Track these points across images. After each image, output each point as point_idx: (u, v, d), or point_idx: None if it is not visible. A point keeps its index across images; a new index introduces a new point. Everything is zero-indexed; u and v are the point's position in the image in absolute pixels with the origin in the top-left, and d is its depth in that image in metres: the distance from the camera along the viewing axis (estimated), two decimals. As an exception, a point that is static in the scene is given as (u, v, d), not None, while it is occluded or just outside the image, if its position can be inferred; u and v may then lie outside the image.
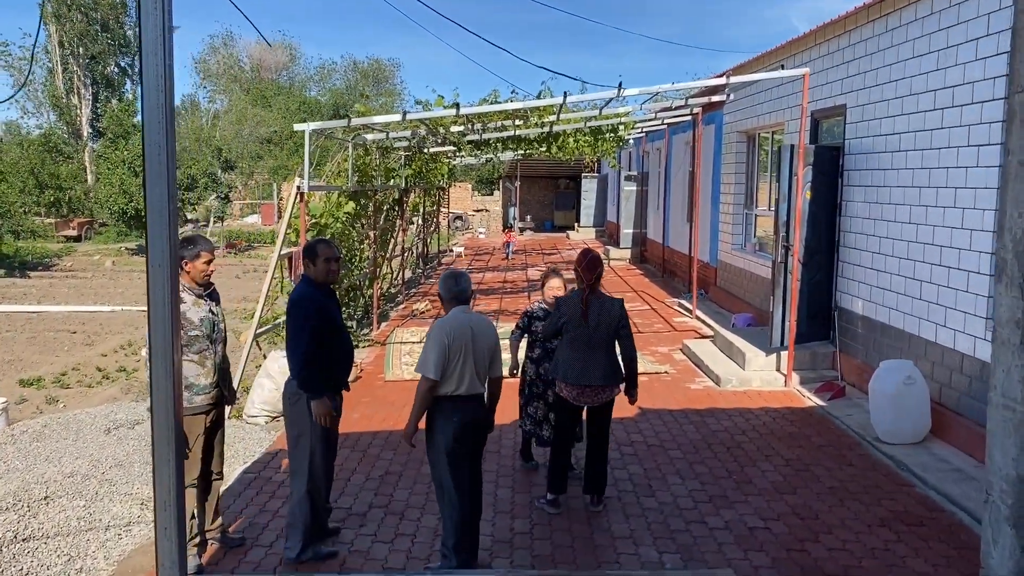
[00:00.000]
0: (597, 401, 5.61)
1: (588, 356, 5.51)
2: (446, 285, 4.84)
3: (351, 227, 11.43)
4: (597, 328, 5.51)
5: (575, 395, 5.59)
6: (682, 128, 17.53)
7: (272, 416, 8.07)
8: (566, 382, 5.56)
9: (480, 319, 4.85)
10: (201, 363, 4.84)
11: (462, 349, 4.63)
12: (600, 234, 30.95)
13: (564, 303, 5.63)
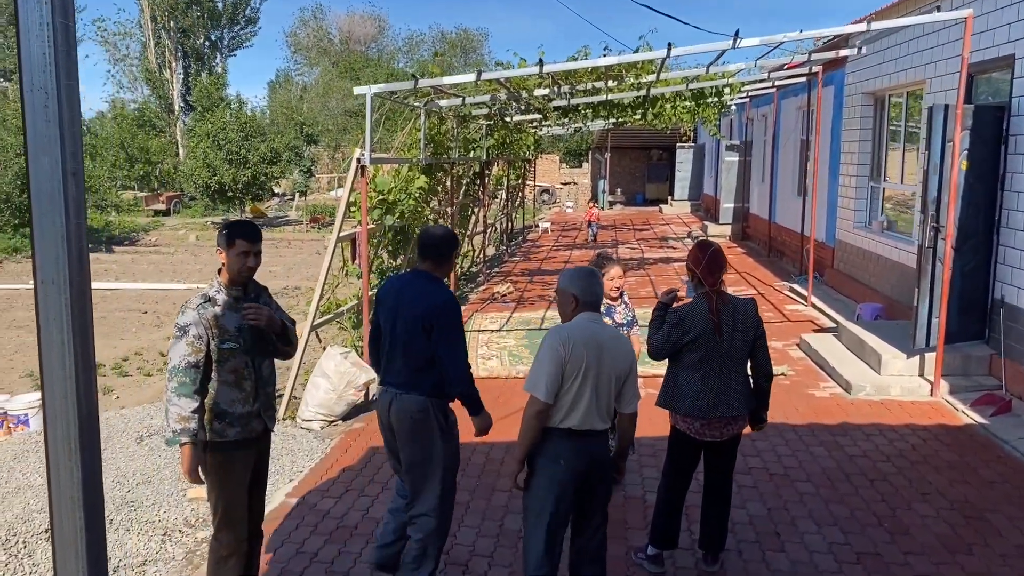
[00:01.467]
0: (725, 434, 4.36)
1: (722, 380, 4.27)
2: (581, 285, 3.73)
3: (424, 203, 10.36)
4: (732, 343, 4.26)
5: (700, 429, 4.34)
6: (793, 91, 15.81)
7: (328, 421, 7.10)
8: (691, 416, 4.32)
9: (614, 334, 3.73)
10: (238, 385, 3.80)
11: (582, 369, 3.54)
12: (695, 208, 29.22)
13: (689, 315, 4.26)
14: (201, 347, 3.65)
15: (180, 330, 3.64)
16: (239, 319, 3.79)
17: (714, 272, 4.25)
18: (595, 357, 3.55)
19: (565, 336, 3.55)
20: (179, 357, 3.62)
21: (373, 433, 6.85)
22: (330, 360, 7.11)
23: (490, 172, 16.16)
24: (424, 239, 4.17)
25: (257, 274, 3.91)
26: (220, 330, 3.71)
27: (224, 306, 3.75)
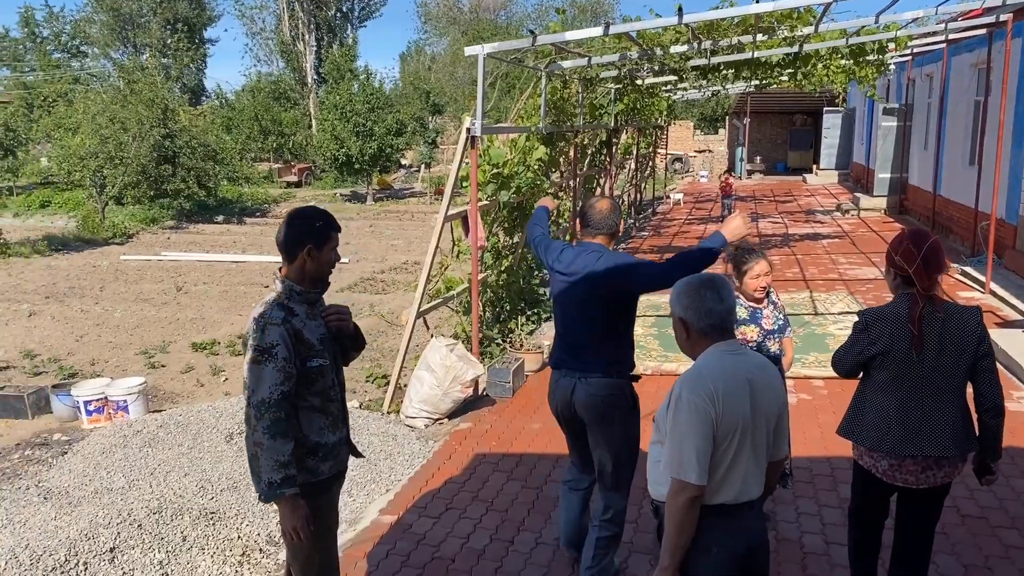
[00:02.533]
0: (927, 482, 3.31)
1: (922, 407, 3.27)
2: (690, 305, 2.72)
3: (544, 176, 9.48)
4: (939, 362, 3.24)
5: (892, 469, 3.33)
6: (967, 46, 13.89)
7: (433, 419, 6.41)
8: (879, 450, 3.32)
9: (760, 364, 2.71)
10: (325, 409, 3.13)
11: (738, 428, 2.59)
12: (844, 178, 27.03)
13: (879, 321, 3.30)
14: (292, 371, 2.95)
15: (264, 353, 2.90)
16: (321, 328, 3.09)
17: (931, 273, 3.20)
18: (749, 405, 2.60)
19: (710, 389, 2.56)
20: (269, 387, 2.89)
21: (480, 436, 6.11)
22: (435, 353, 6.40)
23: (618, 140, 15.09)
24: (592, 215, 3.94)
25: (382, 246, 3.21)
26: (305, 346, 3.00)
27: (304, 315, 3.04)
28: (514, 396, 6.94)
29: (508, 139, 8.65)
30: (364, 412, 6.79)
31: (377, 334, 10.16)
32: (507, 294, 9.08)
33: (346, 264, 15.77)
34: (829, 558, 4.31)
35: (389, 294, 12.84)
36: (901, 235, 3.35)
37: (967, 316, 3.27)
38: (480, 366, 6.62)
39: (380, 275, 14.52)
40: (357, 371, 8.49)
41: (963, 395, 3.29)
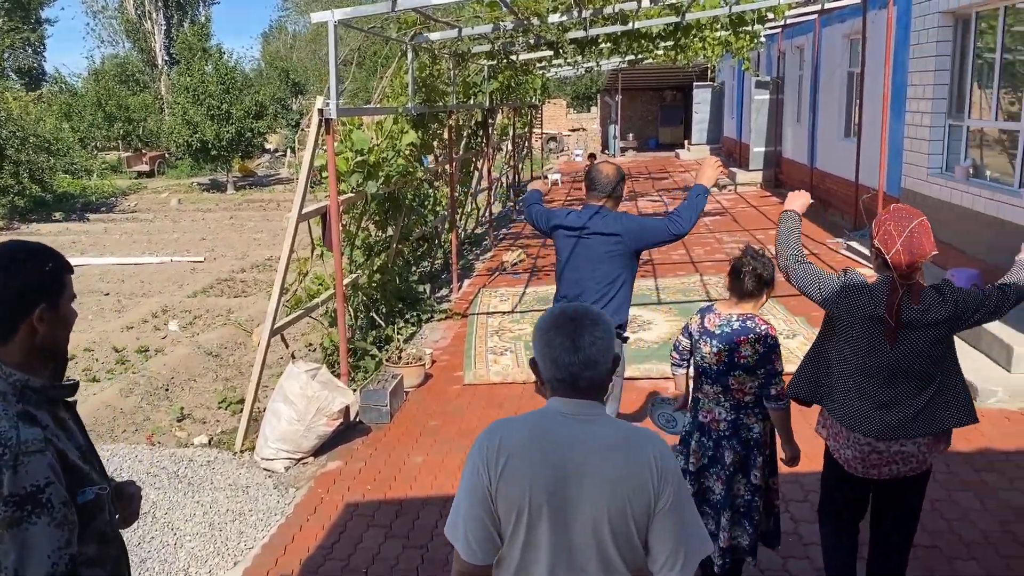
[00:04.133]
0: (900, 471, 3.09)
1: (893, 390, 3.02)
2: (544, 347, 1.99)
3: (418, 162, 8.50)
4: (913, 350, 2.97)
5: (862, 459, 3.09)
6: (839, 16, 13.74)
7: (295, 459, 5.38)
8: (852, 431, 3.08)
9: (603, 443, 1.90)
10: (102, 560, 1.96)
11: (525, 509, 1.88)
12: (715, 152, 27.14)
13: (848, 293, 3.05)
14: (73, 520, 1.79)
15: (29, 502, 1.70)
16: (77, 435, 1.97)
17: (911, 256, 2.92)
18: (546, 491, 1.86)
19: (494, 451, 1.92)
20: (50, 559, 1.71)
21: (353, 479, 5.13)
22: (293, 381, 5.35)
23: (494, 121, 14.23)
24: (599, 179, 4.31)
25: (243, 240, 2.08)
26: (74, 472, 1.84)
27: (53, 425, 1.84)
28: (393, 421, 5.99)
29: (374, 122, 7.62)
30: (212, 452, 5.69)
31: (234, 347, 8.96)
32: (382, 296, 8.09)
33: (200, 263, 14.30)
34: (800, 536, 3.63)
35: (250, 297, 11.56)
36: (884, 215, 3.05)
37: (943, 301, 2.95)
38: (349, 392, 5.63)
39: (240, 275, 13.16)
40: (209, 395, 7.32)
41: (935, 376, 3.03)
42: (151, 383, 7.64)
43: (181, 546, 4.35)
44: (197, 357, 8.56)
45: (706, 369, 3.48)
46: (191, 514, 4.62)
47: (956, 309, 2.94)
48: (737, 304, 3.47)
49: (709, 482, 3.51)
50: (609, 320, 2.01)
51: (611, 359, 1.93)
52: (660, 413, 3.89)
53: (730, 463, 3.42)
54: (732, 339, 3.39)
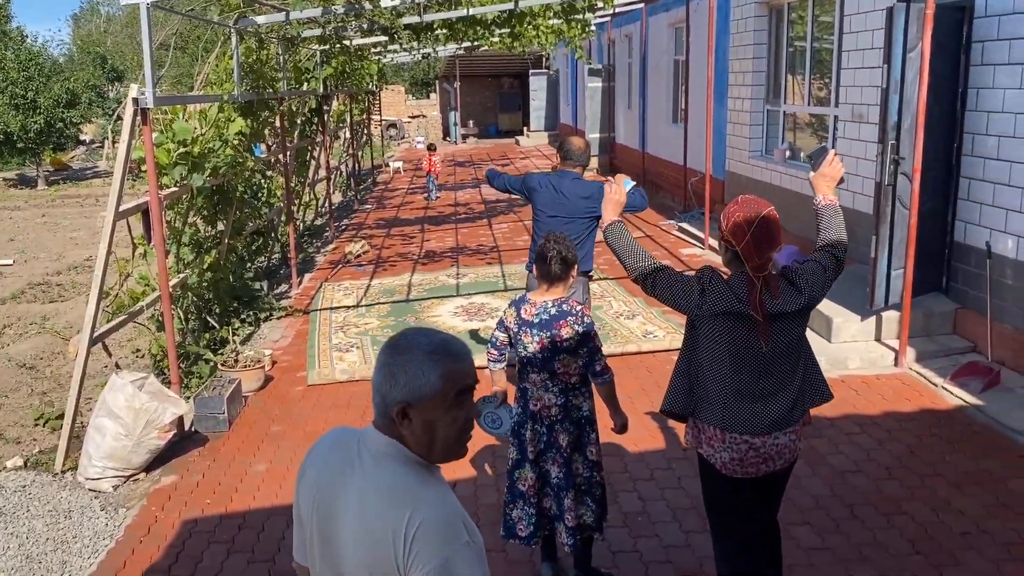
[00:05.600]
0: (776, 466, 2.99)
1: (767, 383, 2.92)
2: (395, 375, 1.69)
3: (248, 151, 8.09)
4: (781, 341, 2.89)
5: (740, 459, 2.94)
6: (664, 6, 14.26)
7: (125, 476, 4.97)
8: (727, 430, 2.94)
9: (373, 485, 1.64)
10: None
11: (305, 537, 1.78)
12: (553, 139, 27.66)
13: (710, 293, 2.89)
14: None
15: None
16: None
17: (763, 251, 2.85)
18: (325, 515, 1.71)
19: (310, 449, 1.84)
20: None
21: (190, 493, 4.81)
22: (117, 394, 4.94)
23: (329, 107, 13.80)
24: (573, 150, 5.18)
25: (59, 241, 1.84)
26: None
27: None
28: (232, 429, 5.66)
29: (197, 111, 7.16)
30: (29, 475, 5.17)
31: (51, 357, 8.23)
32: (215, 296, 7.65)
33: (9, 267, 13.07)
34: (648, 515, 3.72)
35: (68, 301, 10.65)
36: (732, 206, 2.93)
37: (799, 289, 2.89)
38: (181, 402, 5.27)
39: (56, 277, 12.12)
40: (23, 411, 6.67)
41: (801, 357, 2.98)
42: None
43: (-8, 585, 3.92)
44: (8, 370, 7.80)
45: (531, 359, 3.51)
46: (4, 547, 4.17)
47: (811, 292, 2.90)
48: (548, 290, 3.54)
49: (547, 466, 3.57)
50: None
51: (398, 395, 1.62)
52: (485, 414, 3.84)
53: (566, 445, 3.52)
54: (552, 325, 3.46)
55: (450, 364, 1.63)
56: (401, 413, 1.61)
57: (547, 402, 3.53)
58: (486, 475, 4.83)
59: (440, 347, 1.64)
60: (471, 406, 1.69)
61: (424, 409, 1.61)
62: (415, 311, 8.20)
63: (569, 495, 3.51)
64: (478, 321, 7.71)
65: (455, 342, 1.68)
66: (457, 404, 1.64)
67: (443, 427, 1.64)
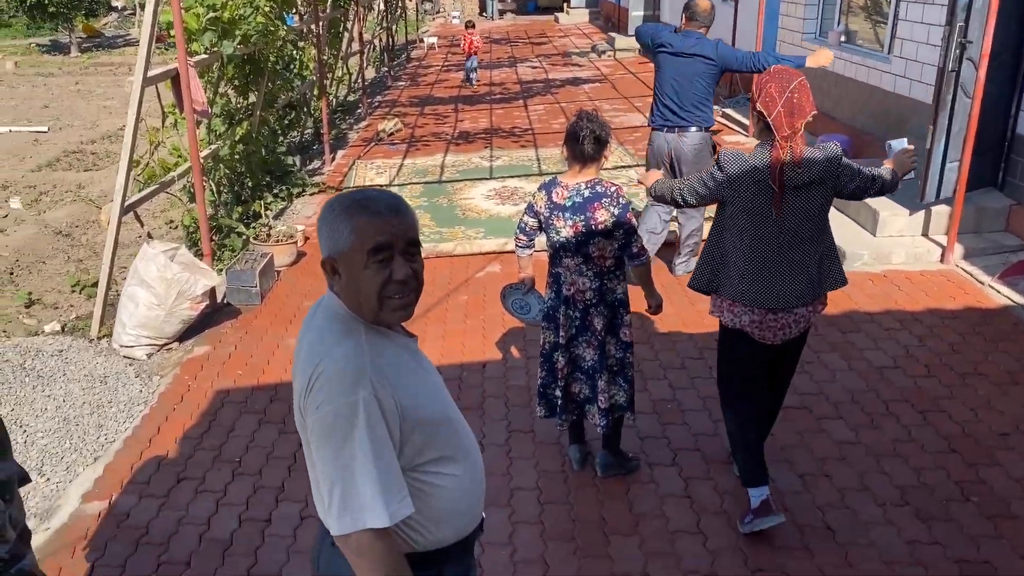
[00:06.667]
0: (791, 334, 3.21)
1: (781, 259, 3.08)
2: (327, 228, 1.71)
3: (280, 20, 7.81)
4: (799, 215, 3.03)
5: (754, 326, 3.18)
6: None
7: (158, 345, 5.03)
8: (742, 302, 3.14)
9: (310, 324, 1.76)
10: None
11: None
12: (594, 17, 26.58)
13: (738, 169, 3.03)
14: None
15: None
16: None
17: (794, 120, 2.95)
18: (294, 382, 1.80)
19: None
20: None
21: (222, 364, 4.86)
22: (149, 264, 4.93)
23: (364, -23, 13.28)
24: (699, 11, 5.38)
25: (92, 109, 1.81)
26: None
27: None
28: (264, 303, 5.68)
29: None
30: (66, 340, 5.25)
31: (86, 225, 8.27)
32: (247, 169, 7.55)
33: (44, 134, 13.04)
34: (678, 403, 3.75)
35: (102, 170, 10.64)
36: (764, 77, 3.04)
37: (827, 161, 3.00)
38: (213, 274, 5.26)
39: (90, 146, 12.08)
40: (60, 278, 6.76)
41: (821, 238, 3.11)
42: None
43: (33, 444, 4.02)
44: (45, 237, 7.86)
45: (563, 243, 3.39)
46: (42, 409, 4.27)
47: (830, 164, 2.99)
48: (581, 171, 3.38)
49: (579, 350, 3.52)
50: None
51: (324, 250, 1.68)
52: (513, 301, 3.80)
53: (600, 328, 3.44)
54: (585, 208, 3.32)
55: (363, 218, 1.61)
56: (329, 267, 1.67)
57: (581, 287, 3.43)
58: (514, 358, 4.80)
59: (359, 203, 1.64)
60: (401, 267, 1.63)
61: (345, 263, 1.63)
62: (447, 193, 8.05)
63: (602, 377, 3.47)
64: (511, 205, 7.56)
65: (383, 200, 1.66)
66: (376, 263, 1.61)
67: (364, 284, 1.62)
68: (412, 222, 1.67)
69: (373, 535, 1.50)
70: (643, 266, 3.44)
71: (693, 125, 5.42)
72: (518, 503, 3.52)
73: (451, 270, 6.16)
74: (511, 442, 3.96)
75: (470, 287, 5.85)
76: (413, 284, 1.66)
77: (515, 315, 3.82)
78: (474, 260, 6.35)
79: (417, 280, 1.67)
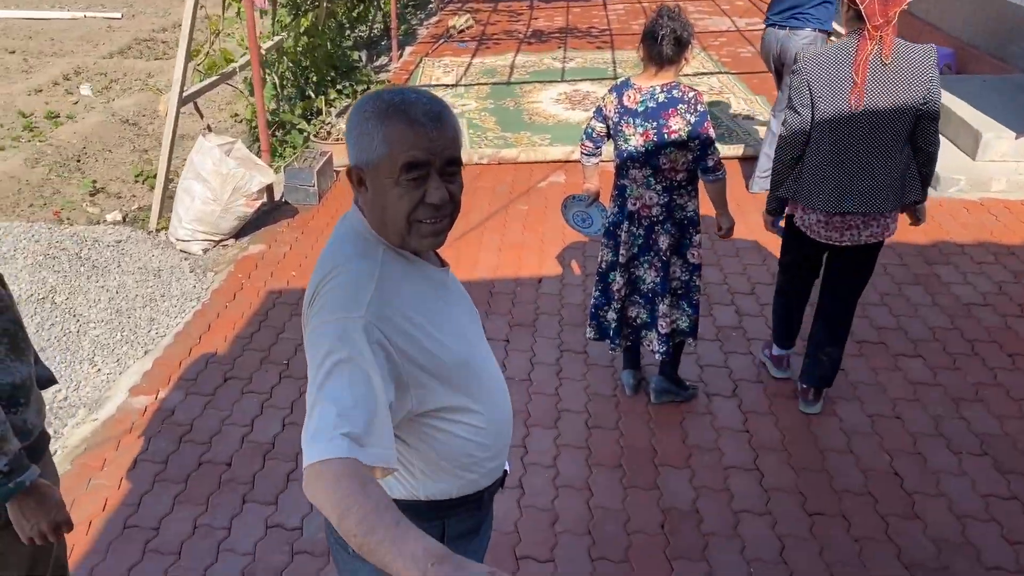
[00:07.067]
0: (857, 239, 3.12)
1: (858, 162, 2.99)
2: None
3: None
4: (881, 112, 2.89)
5: (819, 225, 3.15)
6: None
7: (214, 241, 4.98)
8: (811, 208, 3.12)
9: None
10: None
11: None
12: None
13: (813, 63, 2.97)
14: None
15: None
16: None
17: (887, 7, 2.79)
18: None
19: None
20: None
21: (276, 264, 4.78)
22: (205, 157, 4.82)
23: None
24: None
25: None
26: None
27: None
28: (321, 203, 5.56)
29: None
30: (125, 231, 5.24)
31: (153, 115, 8.23)
32: (311, 62, 7.34)
33: (118, 20, 13.01)
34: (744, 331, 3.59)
35: (171, 59, 10.53)
36: None
37: (918, 60, 2.86)
38: (269, 171, 5.14)
39: (161, 34, 12.01)
40: (125, 167, 6.76)
41: (904, 147, 2.98)
42: (60, 153, 6.99)
43: (85, 334, 4.03)
44: (112, 125, 7.85)
45: (632, 152, 3.11)
46: (96, 299, 4.27)
47: (922, 65, 2.84)
48: (657, 74, 3.06)
49: (640, 271, 3.30)
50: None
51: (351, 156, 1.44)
52: (574, 213, 3.56)
53: (665, 248, 3.20)
54: (659, 114, 3.03)
55: (398, 126, 1.35)
56: (355, 178, 1.44)
57: (648, 201, 3.17)
58: (573, 274, 4.60)
59: (395, 106, 1.37)
60: (436, 189, 1.38)
61: (372, 177, 1.39)
62: (515, 95, 7.72)
63: (664, 301, 3.25)
64: (581, 111, 7.21)
65: (422, 105, 1.38)
66: (409, 181, 1.37)
67: (392, 204, 1.39)
68: (454, 135, 1.41)
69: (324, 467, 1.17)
70: (718, 182, 3.15)
71: (808, 25, 4.98)
72: (565, 425, 3.39)
73: (513, 178, 5.92)
74: (562, 362, 3.80)
75: (531, 197, 5.62)
76: (448, 208, 1.42)
77: (575, 228, 3.61)
78: (538, 168, 6.09)
79: (454, 204, 1.43)
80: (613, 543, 2.81)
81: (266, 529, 2.88)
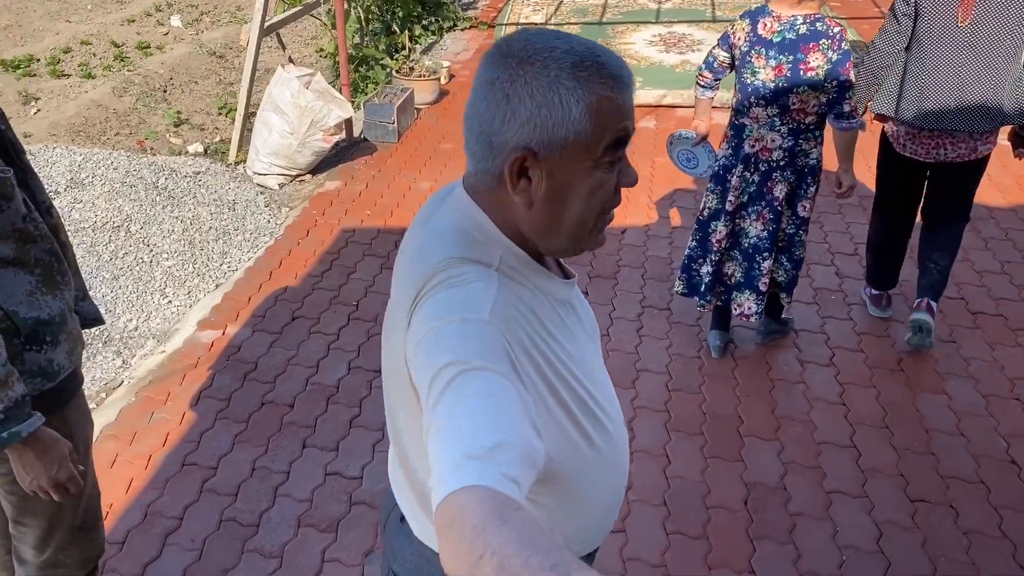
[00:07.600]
0: (956, 156, 3.05)
1: (958, 80, 2.91)
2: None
3: None
4: (987, 28, 2.83)
5: (913, 135, 3.10)
6: None
7: (290, 175, 4.87)
8: (904, 122, 3.06)
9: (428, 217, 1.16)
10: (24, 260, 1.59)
11: None
12: None
13: None
14: None
15: None
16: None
17: None
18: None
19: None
20: None
21: (351, 202, 4.65)
22: (283, 88, 4.68)
23: None
24: None
25: None
26: None
27: None
28: (400, 141, 5.39)
29: None
30: (204, 162, 5.18)
31: (241, 48, 8.17)
32: (398, -4, 7.13)
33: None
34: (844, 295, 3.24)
35: (261, -7, 10.49)
36: None
37: None
38: (348, 105, 4.97)
39: (252, -32, 11.95)
40: (210, 99, 6.73)
41: (1011, 66, 2.87)
42: (148, 83, 6.99)
43: (157, 264, 3.97)
44: (199, 57, 7.82)
45: (758, 88, 2.80)
46: (169, 230, 4.21)
47: None
48: (801, 2, 2.71)
49: (746, 222, 3.01)
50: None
51: (516, 136, 0.99)
52: (680, 151, 3.27)
53: (782, 198, 2.91)
54: (798, 47, 2.70)
55: (608, 91, 0.98)
56: (518, 167, 1.00)
57: (769, 143, 2.86)
58: (658, 226, 4.32)
59: (591, 60, 0.98)
60: (630, 169, 1.05)
61: (561, 162, 0.99)
62: (607, 36, 7.36)
63: (768, 257, 2.98)
64: (676, 54, 6.82)
65: (615, 59, 1.01)
66: (608, 164, 1.01)
67: (586, 195, 1.02)
68: None
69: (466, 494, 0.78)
70: (851, 131, 2.82)
71: None
72: (643, 386, 3.16)
73: (601, 121, 5.62)
74: (643, 318, 3.56)
75: (620, 141, 5.32)
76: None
77: (680, 167, 3.32)
78: (628, 112, 5.77)
79: None
80: (690, 516, 2.60)
81: (325, 476, 2.76)
